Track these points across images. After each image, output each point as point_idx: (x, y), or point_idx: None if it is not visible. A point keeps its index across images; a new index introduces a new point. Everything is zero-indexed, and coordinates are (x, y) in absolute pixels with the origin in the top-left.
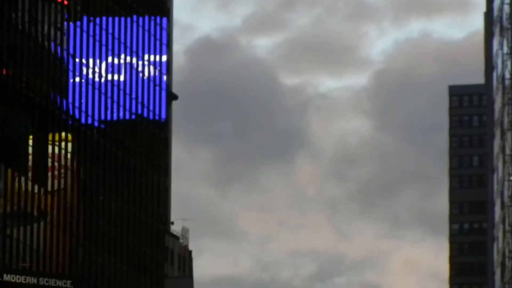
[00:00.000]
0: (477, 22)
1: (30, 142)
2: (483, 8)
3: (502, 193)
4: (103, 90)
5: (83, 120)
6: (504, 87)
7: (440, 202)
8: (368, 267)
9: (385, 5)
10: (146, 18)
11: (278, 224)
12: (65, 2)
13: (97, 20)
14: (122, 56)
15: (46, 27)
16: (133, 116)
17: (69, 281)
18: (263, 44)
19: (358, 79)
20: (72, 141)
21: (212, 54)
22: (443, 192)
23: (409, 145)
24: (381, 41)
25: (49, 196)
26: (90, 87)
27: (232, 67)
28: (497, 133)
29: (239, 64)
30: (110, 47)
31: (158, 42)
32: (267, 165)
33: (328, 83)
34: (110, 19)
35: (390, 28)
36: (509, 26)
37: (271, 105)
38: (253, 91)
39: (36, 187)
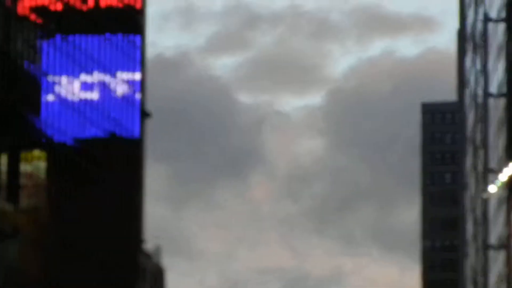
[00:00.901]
0: (438, 40)
1: (3, 160)
2: (445, 26)
3: (474, 210)
4: (76, 108)
5: (56, 138)
6: (476, 104)
7: (396, 220)
8: (334, 285)
9: (349, 24)
10: (120, 36)
11: (236, 242)
12: (39, 21)
13: (70, 38)
14: (96, 74)
15: (19, 45)
16: (107, 134)
17: None
18: (224, 63)
19: (316, 98)
20: (46, 159)
21: (168, 72)
22: (399, 209)
23: (363, 162)
24: (344, 60)
25: (23, 214)
26: (63, 105)
27: (188, 85)
28: (470, 150)
29: (195, 82)
30: (83, 65)
31: (131, 60)
32: (222, 183)
33: (289, 101)
34: (84, 37)
35: (354, 47)
36: (482, 44)
37: (227, 123)
38: (208, 109)
39: (11, 205)
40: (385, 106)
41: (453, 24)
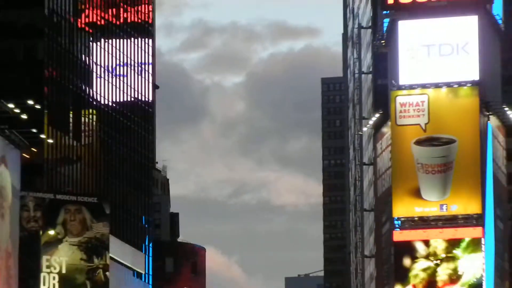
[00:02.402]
0: (329, 40)
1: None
2: (333, 31)
3: (353, 142)
4: (114, 83)
5: (102, 102)
6: (354, 78)
7: (303, 148)
8: (263, 188)
9: (267, 32)
10: (139, 39)
11: (197, 162)
12: (90, 30)
13: (110, 40)
14: (125, 62)
15: (79, 46)
16: (132, 99)
17: (95, 198)
18: (191, 58)
19: (242, 77)
20: (97, 114)
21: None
22: (307, 142)
23: (276, 115)
24: (263, 54)
25: (82, 147)
26: (106, 80)
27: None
28: (350, 105)
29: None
30: (117, 57)
31: (146, 54)
32: (185, 129)
33: (226, 79)
34: (118, 40)
35: (269, 47)
36: (358, 42)
37: (191, 92)
38: (184, 86)
39: (75, 142)
40: (291, 80)
41: (339, 30)
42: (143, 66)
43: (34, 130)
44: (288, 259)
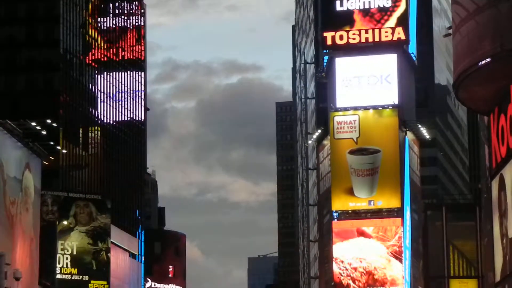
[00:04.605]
0: (277, 74)
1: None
2: (283, 68)
3: (301, 152)
4: (114, 105)
5: (105, 121)
6: (301, 102)
7: (262, 159)
8: (227, 190)
9: (222, 68)
10: (133, 72)
11: (179, 161)
12: (95, 65)
13: (111, 73)
14: (122, 90)
15: (87, 77)
16: (128, 118)
17: (100, 196)
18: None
19: (193, 103)
20: (101, 131)
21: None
22: (265, 153)
23: (238, 132)
24: (219, 83)
25: (89, 156)
26: (108, 102)
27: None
28: (298, 123)
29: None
30: (116, 86)
31: (139, 83)
32: (151, 146)
33: (181, 103)
34: (117, 73)
35: (223, 79)
36: (303, 74)
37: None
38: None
39: (83, 152)
40: (246, 105)
41: (278, 66)
42: (136, 93)
43: (52, 143)
44: (249, 243)
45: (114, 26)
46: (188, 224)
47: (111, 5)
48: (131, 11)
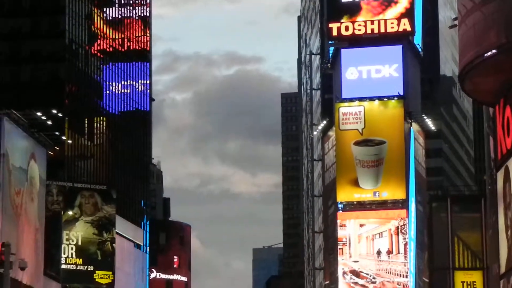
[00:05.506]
0: (286, 66)
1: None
2: (289, 59)
3: (306, 143)
4: (120, 97)
5: (110, 111)
6: (306, 93)
7: (266, 151)
8: (227, 182)
9: (223, 61)
10: (140, 63)
11: (176, 153)
12: (101, 56)
13: (116, 64)
14: (128, 80)
15: (92, 67)
16: (133, 109)
17: (105, 186)
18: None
19: (190, 94)
20: (106, 121)
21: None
22: (269, 144)
23: (241, 122)
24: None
25: (95, 146)
26: (114, 94)
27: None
28: (304, 114)
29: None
30: (122, 76)
31: (144, 74)
32: (154, 136)
33: (179, 95)
34: (123, 63)
35: (223, 71)
36: (309, 65)
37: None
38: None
39: (89, 142)
40: (243, 96)
41: (279, 58)
42: (142, 83)
43: (57, 133)
44: (253, 234)
45: (119, 17)
46: (191, 216)
47: None
48: (137, 1)
